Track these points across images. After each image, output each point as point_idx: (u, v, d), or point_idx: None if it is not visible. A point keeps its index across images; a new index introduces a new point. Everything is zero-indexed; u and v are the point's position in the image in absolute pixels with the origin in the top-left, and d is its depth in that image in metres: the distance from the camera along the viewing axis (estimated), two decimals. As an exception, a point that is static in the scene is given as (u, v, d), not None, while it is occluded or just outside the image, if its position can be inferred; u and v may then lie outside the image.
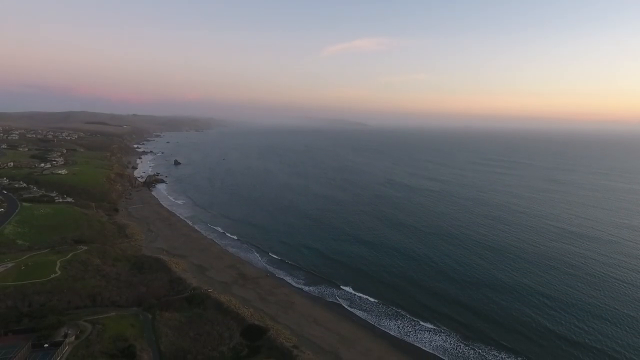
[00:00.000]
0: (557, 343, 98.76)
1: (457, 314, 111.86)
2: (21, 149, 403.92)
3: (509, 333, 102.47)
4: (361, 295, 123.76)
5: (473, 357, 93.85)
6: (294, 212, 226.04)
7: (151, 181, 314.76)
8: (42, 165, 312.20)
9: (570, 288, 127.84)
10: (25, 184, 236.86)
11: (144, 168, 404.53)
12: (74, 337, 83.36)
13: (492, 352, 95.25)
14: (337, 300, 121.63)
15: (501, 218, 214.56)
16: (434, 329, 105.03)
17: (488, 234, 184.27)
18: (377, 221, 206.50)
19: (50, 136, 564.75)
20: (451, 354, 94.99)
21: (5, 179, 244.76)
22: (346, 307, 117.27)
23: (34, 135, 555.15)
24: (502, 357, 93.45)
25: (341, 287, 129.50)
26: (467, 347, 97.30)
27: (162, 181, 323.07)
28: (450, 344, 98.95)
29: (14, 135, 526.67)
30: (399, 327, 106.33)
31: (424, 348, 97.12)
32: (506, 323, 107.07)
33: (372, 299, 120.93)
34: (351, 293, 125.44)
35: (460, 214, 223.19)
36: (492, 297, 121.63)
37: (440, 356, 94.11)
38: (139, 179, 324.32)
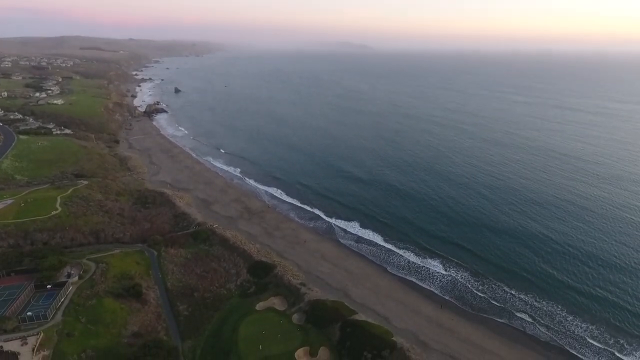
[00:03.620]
0: (559, 285, 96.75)
1: (462, 256, 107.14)
2: (15, 78, 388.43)
3: (515, 279, 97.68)
4: (367, 232, 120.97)
5: (479, 293, 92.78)
6: (297, 145, 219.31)
7: (151, 110, 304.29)
8: (38, 94, 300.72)
9: (583, 233, 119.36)
10: (21, 116, 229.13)
11: (143, 96, 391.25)
12: (77, 277, 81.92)
13: (502, 289, 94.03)
14: (344, 236, 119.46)
15: (510, 151, 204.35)
16: (441, 269, 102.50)
17: (495, 171, 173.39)
18: (380, 156, 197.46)
19: (44, 63, 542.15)
20: (459, 290, 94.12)
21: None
22: (353, 243, 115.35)
23: (28, 63, 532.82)
24: (511, 294, 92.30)
25: (347, 224, 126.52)
26: (474, 284, 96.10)
27: (162, 110, 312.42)
28: (461, 279, 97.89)
29: (6, 62, 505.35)
30: (409, 264, 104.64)
31: (430, 288, 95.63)
32: (512, 269, 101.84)
33: (378, 237, 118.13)
34: (357, 230, 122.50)
35: (466, 148, 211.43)
36: (493, 239, 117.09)
37: (447, 297, 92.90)
38: (138, 108, 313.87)
